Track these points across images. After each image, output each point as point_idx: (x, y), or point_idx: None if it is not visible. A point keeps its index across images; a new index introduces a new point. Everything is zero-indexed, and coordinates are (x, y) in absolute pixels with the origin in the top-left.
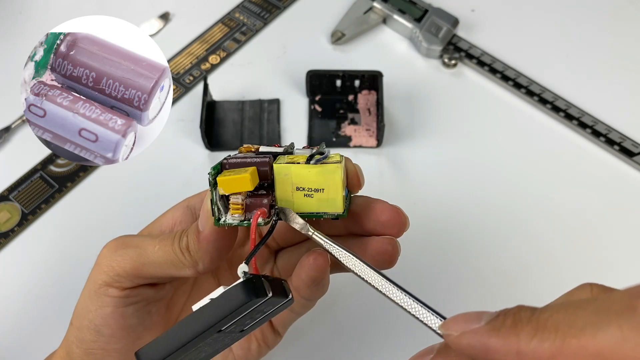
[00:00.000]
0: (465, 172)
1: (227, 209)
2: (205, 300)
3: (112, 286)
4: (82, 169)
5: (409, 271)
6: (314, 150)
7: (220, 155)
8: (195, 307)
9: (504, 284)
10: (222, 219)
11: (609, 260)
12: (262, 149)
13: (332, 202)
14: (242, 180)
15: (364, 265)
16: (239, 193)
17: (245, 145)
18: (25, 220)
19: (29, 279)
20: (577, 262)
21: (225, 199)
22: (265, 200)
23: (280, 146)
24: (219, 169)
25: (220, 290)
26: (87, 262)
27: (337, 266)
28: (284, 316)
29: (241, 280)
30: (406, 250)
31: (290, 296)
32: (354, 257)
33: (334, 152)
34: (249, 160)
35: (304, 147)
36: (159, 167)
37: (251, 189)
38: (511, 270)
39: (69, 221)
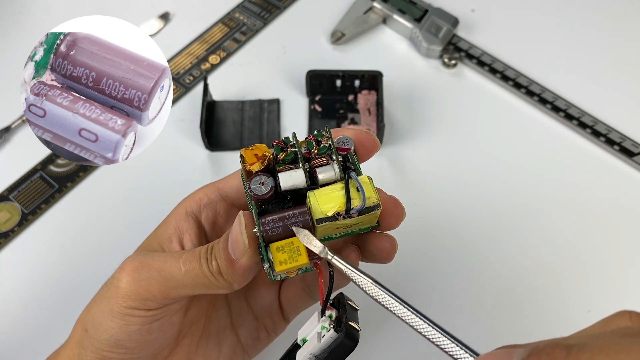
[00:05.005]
0: (466, 172)
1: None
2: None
3: (138, 309)
4: (82, 169)
5: (410, 272)
6: (342, 176)
7: (220, 155)
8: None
9: (506, 284)
10: (278, 277)
11: (609, 259)
12: (282, 182)
13: (368, 223)
14: (301, 264)
15: (385, 292)
16: None
17: (249, 149)
18: (25, 220)
19: (29, 279)
20: (577, 262)
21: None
22: (315, 256)
23: (286, 146)
24: (263, 240)
25: (314, 338)
26: (87, 262)
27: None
28: (299, 303)
29: (343, 332)
30: (407, 250)
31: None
32: (374, 284)
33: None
34: (289, 227)
35: (309, 140)
36: (159, 167)
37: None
38: (512, 269)
39: (69, 221)
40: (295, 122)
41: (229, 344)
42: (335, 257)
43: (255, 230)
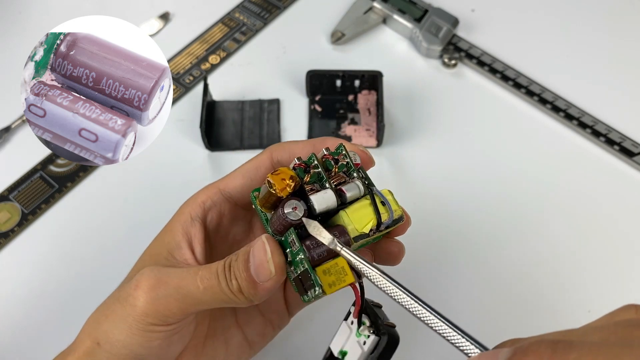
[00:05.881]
0: (466, 172)
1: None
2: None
3: (159, 325)
4: (82, 169)
5: (409, 272)
6: (366, 192)
7: (220, 155)
8: None
9: (506, 283)
10: (309, 297)
11: (609, 259)
12: (317, 204)
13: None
14: (348, 283)
15: (395, 285)
16: None
17: (275, 174)
18: (25, 220)
19: (29, 279)
20: (577, 261)
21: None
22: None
23: (307, 167)
24: (310, 265)
25: (355, 344)
26: (87, 261)
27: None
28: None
29: (385, 335)
30: (406, 249)
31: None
32: (384, 277)
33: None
34: (332, 249)
35: (327, 159)
36: (158, 167)
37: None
38: (512, 269)
39: (69, 221)
40: (295, 122)
41: (235, 341)
42: (344, 248)
43: (301, 256)
